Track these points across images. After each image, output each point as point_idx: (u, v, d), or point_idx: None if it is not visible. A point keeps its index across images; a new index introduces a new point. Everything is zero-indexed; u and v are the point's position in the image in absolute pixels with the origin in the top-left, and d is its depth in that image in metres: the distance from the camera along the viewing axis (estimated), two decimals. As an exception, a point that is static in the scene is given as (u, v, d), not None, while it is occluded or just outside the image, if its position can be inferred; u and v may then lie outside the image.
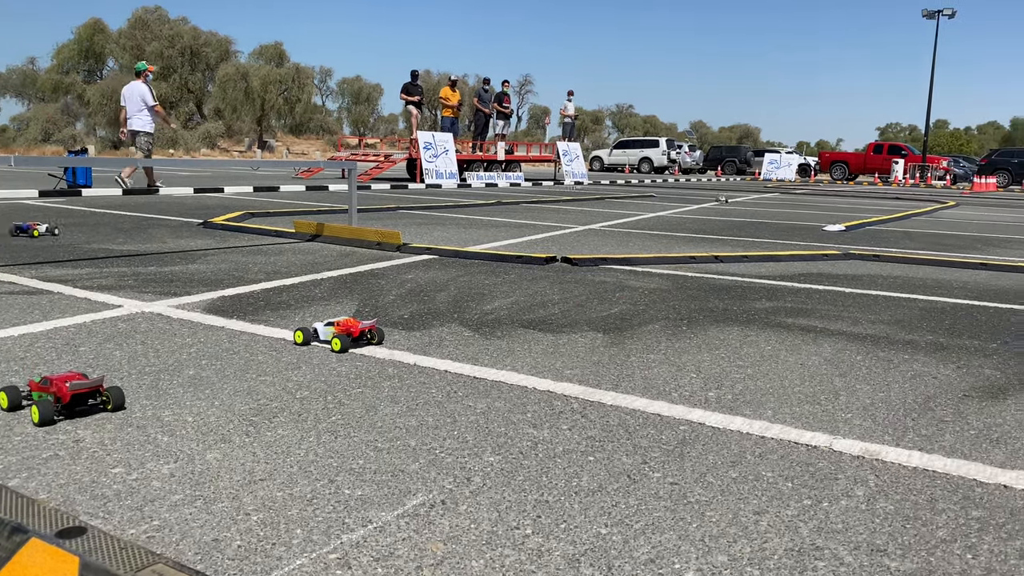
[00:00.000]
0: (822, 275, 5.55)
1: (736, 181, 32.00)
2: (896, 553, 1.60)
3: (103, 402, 2.29)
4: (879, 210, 13.86)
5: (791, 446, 2.20)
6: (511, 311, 3.94)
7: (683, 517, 1.74)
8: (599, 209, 11.96)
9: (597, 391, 2.65)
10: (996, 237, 9.26)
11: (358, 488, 1.84)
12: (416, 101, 19.55)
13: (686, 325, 3.75)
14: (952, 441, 2.27)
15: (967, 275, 5.79)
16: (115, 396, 2.29)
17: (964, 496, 1.89)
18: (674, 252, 6.66)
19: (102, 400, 2.29)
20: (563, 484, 1.89)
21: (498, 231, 8.12)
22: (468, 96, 28.09)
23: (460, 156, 19.84)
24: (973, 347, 3.47)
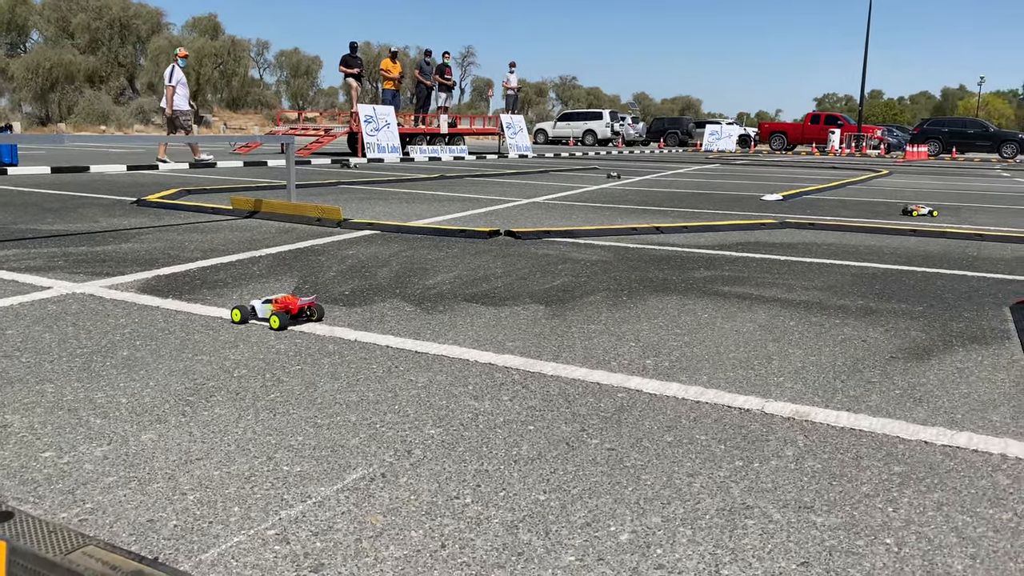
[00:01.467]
0: (759, 244, 5.67)
1: (678, 152, 32.35)
2: (822, 509, 1.67)
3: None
4: (816, 179, 14.17)
5: (725, 410, 2.26)
6: (454, 285, 3.94)
7: (619, 481, 1.78)
8: (543, 182, 11.98)
9: (538, 362, 2.68)
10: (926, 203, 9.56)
11: (297, 464, 1.84)
12: (356, 74, 19.22)
13: (626, 295, 3.80)
14: (878, 401, 2.36)
15: (897, 241, 5.98)
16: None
17: (887, 453, 1.98)
18: (616, 224, 6.72)
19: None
20: (503, 453, 1.91)
21: (441, 205, 8.08)
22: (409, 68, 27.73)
23: (402, 129, 19.62)
24: (901, 310, 3.60)
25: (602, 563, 1.44)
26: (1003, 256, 5.32)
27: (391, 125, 18.56)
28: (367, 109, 18.20)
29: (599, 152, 28.23)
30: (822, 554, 1.49)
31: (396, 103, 19.89)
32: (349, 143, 19.87)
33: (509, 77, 24.63)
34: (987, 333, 3.20)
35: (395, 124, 18.77)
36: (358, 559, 1.45)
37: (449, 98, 21.89)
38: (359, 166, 15.26)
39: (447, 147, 20.90)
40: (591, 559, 1.46)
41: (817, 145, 35.29)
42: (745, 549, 1.50)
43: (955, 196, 11.10)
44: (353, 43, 19.54)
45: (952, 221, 7.63)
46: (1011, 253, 5.46)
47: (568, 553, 1.47)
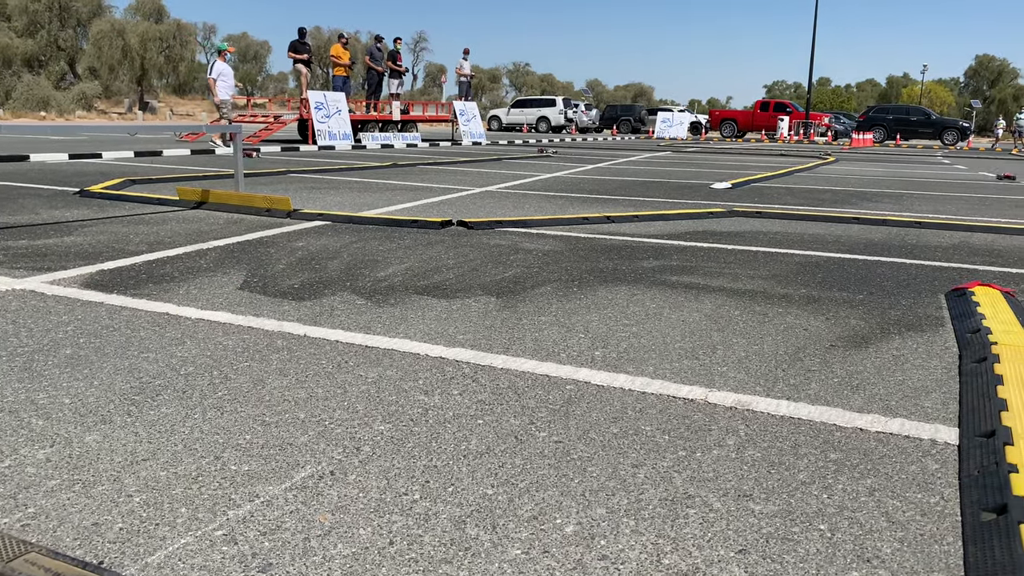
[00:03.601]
0: (707, 233, 5.77)
1: (631, 140, 32.58)
2: (760, 497, 1.72)
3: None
4: (764, 167, 14.41)
5: (670, 400, 2.31)
6: (405, 277, 3.93)
7: (566, 474, 1.81)
8: (497, 170, 11.98)
9: (489, 355, 2.70)
10: (870, 192, 9.81)
11: (245, 463, 1.84)
12: (305, 60, 18.93)
13: (577, 286, 3.85)
14: (817, 389, 2.44)
15: (841, 229, 6.13)
16: None
17: (824, 440, 2.05)
18: (568, 213, 6.77)
19: None
20: (452, 448, 1.94)
21: (394, 194, 8.04)
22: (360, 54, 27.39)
23: (354, 116, 19.41)
24: (842, 299, 3.70)
25: (547, 556, 1.48)
26: (941, 244, 5.49)
27: (342, 112, 18.35)
28: (317, 96, 17.95)
29: (552, 139, 28.28)
30: (759, 541, 1.54)
31: (347, 89, 19.65)
32: (299, 130, 19.60)
33: (462, 63, 24.50)
34: (923, 321, 3.32)
35: (346, 111, 18.56)
36: (306, 558, 1.46)
37: (401, 84, 21.71)
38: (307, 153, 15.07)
39: (400, 134, 20.74)
40: (536, 552, 1.49)
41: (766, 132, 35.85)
42: (686, 538, 1.55)
43: (898, 183, 11.39)
44: (302, 29, 19.23)
45: (894, 209, 7.84)
46: (948, 241, 5.64)
47: (514, 547, 1.50)
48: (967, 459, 1.91)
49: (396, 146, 19.33)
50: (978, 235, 5.96)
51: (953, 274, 4.37)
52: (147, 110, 47.64)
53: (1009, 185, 11.62)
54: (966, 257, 4.96)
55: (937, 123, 35.14)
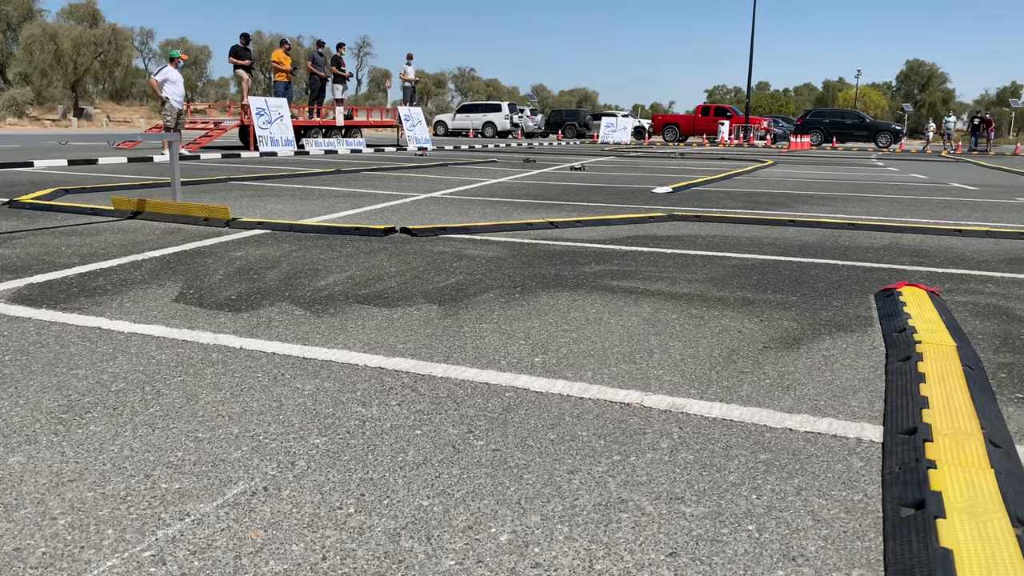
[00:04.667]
0: (648, 237, 5.85)
1: (576, 144, 32.85)
2: (692, 500, 1.76)
3: None
4: (705, 171, 14.67)
5: (606, 405, 2.34)
6: (346, 286, 3.91)
7: (502, 482, 1.82)
8: (442, 176, 11.96)
9: (429, 364, 2.70)
10: (806, 194, 10.06)
11: (176, 481, 1.80)
12: (246, 65, 18.64)
13: (519, 292, 3.86)
14: (749, 391, 2.50)
15: (777, 232, 6.28)
16: None
17: (755, 442, 2.10)
18: (512, 219, 6.79)
19: None
20: (389, 460, 1.93)
21: (336, 201, 7.97)
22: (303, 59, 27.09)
23: (296, 122, 19.19)
24: (776, 300, 3.79)
25: (481, 565, 1.49)
26: (872, 245, 5.66)
27: (284, 117, 18.12)
28: (258, 101, 17.70)
29: (498, 144, 28.34)
30: (689, 544, 1.57)
31: (289, 95, 19.42)
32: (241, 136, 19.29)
33: (406, 69, 24.42)
34: (853, 321, 3.42)
35: (288, 116, 18.34)
36: (237, 577, 1.44)
37: (344, 90, 21.53)
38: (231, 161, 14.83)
39: (344, 140, 20.58)
40: (471, 562, 1.49)
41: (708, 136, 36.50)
42: (618, 543, 1.57)
43: (833, 186, 11.71)
44: (244, 34, 18.95)
45: (829, 211, 8.06)
46: (879, 242, 5.82)
47: (448, 558, 1.51)
48: (890, 456, 1.98)
49: (340, 152, 19.16)
50: (907, 236, 6.17)
51: (883, 274, 4.52)
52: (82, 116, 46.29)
53: (939, 186, 12.03)
54: (895, 257, 5.12)
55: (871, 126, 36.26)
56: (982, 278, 4.46)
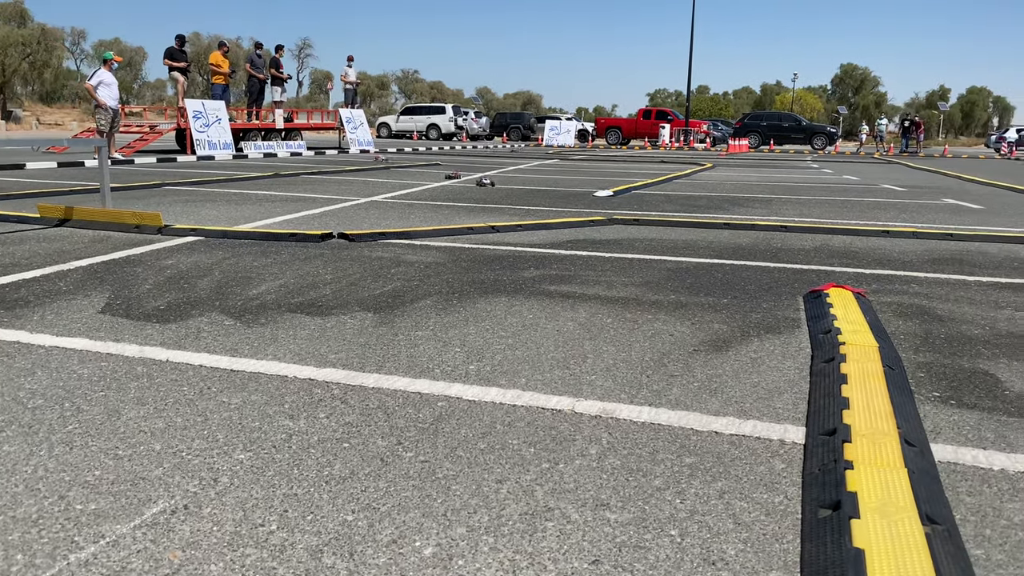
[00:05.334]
0: (587, 241, 5.89)
1: (521, 147, 32.95)
2: (617, 505, 1.77)
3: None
4: (645, 174, 14.86)
5: (538, 412, 2.35)
6: (279, 295, 3.85)
7: (429, 494, 1.81)
8: (384, 179, 11.88)
9: (360, 374, 2.67)
10: (741, 197, 10.26)
11: (92, 502, 1.75)
12: (182, 68, 18.23)
13: (457, 299, 3.86)
14: (678, 394, 2.53)
15: (712, 235, 6.39)
16: None
17: (681, 445, 2.13)
18: (454, 223, 6.78)
19: None
20: (314, 475, 1.90)
21: (274, 206, 7.85)
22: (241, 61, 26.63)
23: (235, 125, 18.85)
24: (708, 303, 3.86)
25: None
26: (803, 247, 5.80)
27: (222, 121, 17.79)
28: (195, 104, 17.33)
29: (442, 147, 28.27)
30: (612, 550, 1.59)
31: (227, 98, 19.07)
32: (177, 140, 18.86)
33: (347, 71, 24.19)
34: (781, 323, 3.50)
35: (227, 119, 18.00)
36: (151, 600, 1.40)
37: (283, 92, 21.22)
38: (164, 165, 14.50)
39: (283, 143, 20.28)
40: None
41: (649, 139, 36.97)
42: (542, 552, 1.58)
43: (769, 188, 11.97)
44: (180, 35, 18.52)
45: (764, 213, 8.23)
46: (810, 243, 5.97)
47: (371, 573, 1.49)
48: (810, 457, 2.03)
49: (280, 155, 18.88)
50: (837, 237, 6.34)
51: (813, 276, 4.63)
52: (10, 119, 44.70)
53: (870, 188, 12.40)
54: (825, 259, 5.26)
55: (807, 129, 37.17)
56: (907, 278, 4.60)
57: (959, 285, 4.42)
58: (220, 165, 14.89)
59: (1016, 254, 5.63)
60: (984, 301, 4.01)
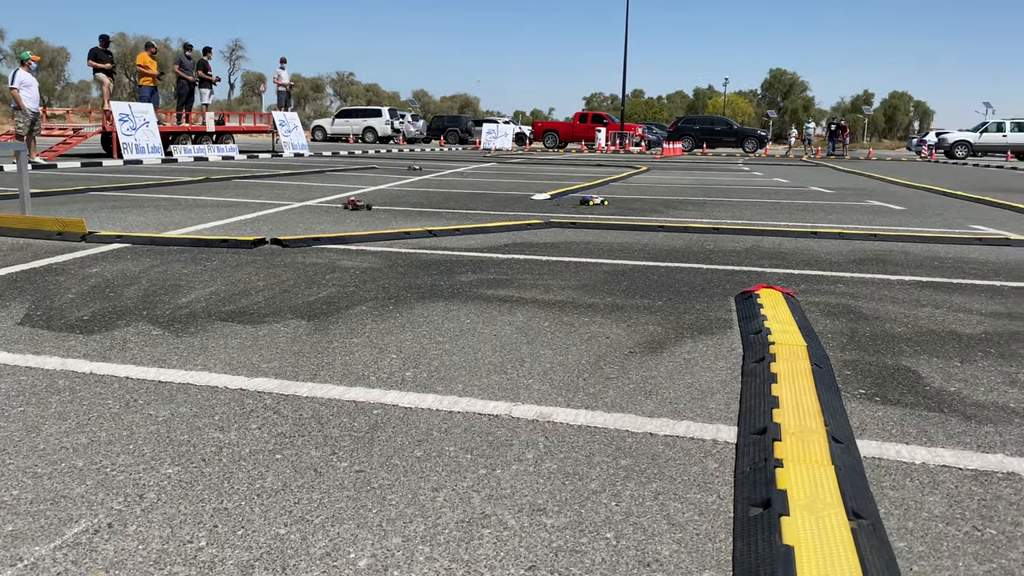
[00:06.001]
0: (525, 244, 5.91)
1: (458, 150, 32.90)
2: (553, 510, 1.78)
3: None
4: (582, 177, 14.99)
5: (475, 418, 2.34)
6: (209, 303, 3.75)
7: (364, 504, 1.79)
8: (319, 183, 11.71)
9: (294, 383, 2.62)
10: (675, 200, 10.44)
11: (9, 523, 1.67)
12: (107, 69, 17.66)
13: (393, 304, 3.82)
14: (614, 396, 2.55)
15: (647, 238, 6.48)
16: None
17: (617, 448, 2.15)
18: (390, 228, 6.72)
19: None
20: (246, 488, 1.86)
21: (205, 212, 7.66)
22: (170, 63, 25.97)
23: (163, 128, 18.36)
24: (643, 305, 3.90)
25: (338, 593, 1.45)
26: (735, 248, 5.93)
27: (150, 124, 17.30)
28: (122, 107, 16.82)
29: (379, 150, 28.03)
30: (549, 555, 1.59)
31: (155, 100, 18.56)
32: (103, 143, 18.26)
33: (280, 73, 23.80)
34: (713, 324, 3.56)
35: (155, 122, 17.51)
36: (72, 625, 1.35)
37: (211, 94, 20.73)
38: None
39: (215, 146, 19.83)
40: (327, 591, 1.46)
41: (586, 143, 37.31)
42: (479, 560, 1.57)
43: (702, 191, 12.20)
44: (104, 36, 17.93)
45: (697, 215, 8.39)
46: (742, 245, 6.10)
47: (304, 588, 1.47)
48: (742, 456, 2.07)
49: (211, 159, 18.46)
50: (768, 239, 6.49)
51: (744, 277, 4.73)
52: (-78, 121, 42.60)
53: (799, 190, 12.74)
54: (756, 260, 5.38)
55: (739, 132, 38.04)
56: (834, 278, 4.74)
57: (883, 284, 4.58)
58: (148, 169, 14.48)
59: (936, 253, 5.86)
60: (906, 300, 4.15)
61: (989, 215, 9.10)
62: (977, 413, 2.47)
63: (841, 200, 10.87)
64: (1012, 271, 5.15)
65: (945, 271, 5.09)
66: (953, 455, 2.14)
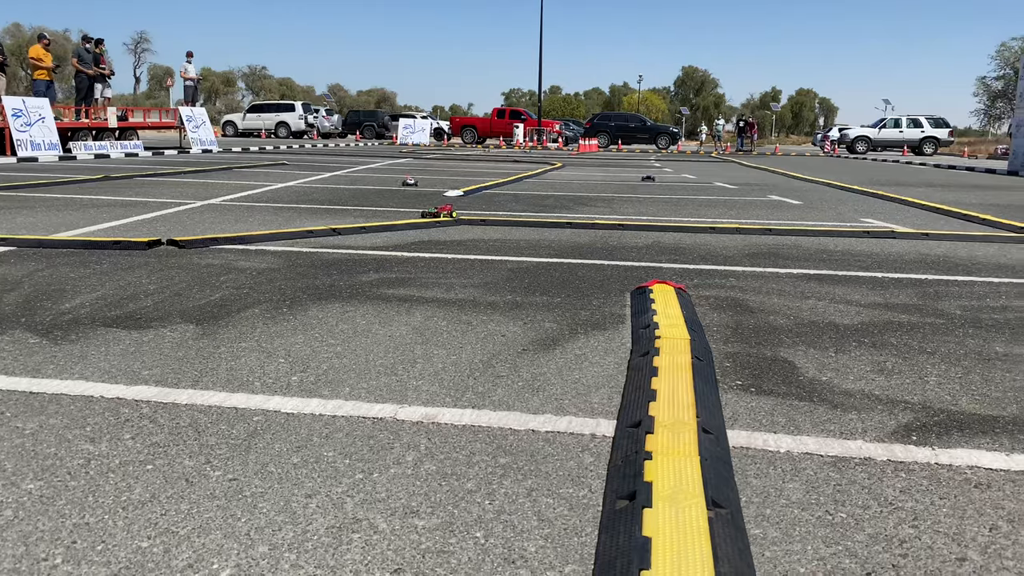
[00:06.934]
0: (432, 242, 5.90)
1: (374, 146, 32.55)
2: (426, 512, 1.79)
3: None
4: (497, 173, 15.05)
5: (359, 422, 2.33)
6: (95, 308, 3.62)
7: (234, 514, 1.76)
8: (224, 181, 11.41)
9: (174, 391, 2.56)
10: (587, 196, 10.59)
11: None
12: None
13: (287, 307, 3.76)
14: (502, 395, 2.59)
15: (555, 234, 6.55)
16: None
17: (498, 446, 2.17)
18: (293, 227, 6.61)
19: None
20: (111, 501, 1.81)
21: (101, 212, 7.38)
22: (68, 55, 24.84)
23: (62, 124, 17.57)
24: (542, 303, 3.96)
25: (196, 606, 1.43)
26: (637, 244, 6.06)
27: (46, 119, 16.53)
28: (14, 102, 16.02)
29: (291, 146, 27.47)
30: (416, 557, 1.60)
31: (51, 95, 17.74)
32: (-6, 140, 17.33)
33: (187, 67, 23.09)
34: (607, 319, 3.64)
35: (51, 118, 16.75)
36: (-95, 654, 1.29)
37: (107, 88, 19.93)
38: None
39: (118, 143, 19.09)
40: (185, 604, 1.44)
41: (505, 139, 37.44)
42: (345, 565, 1.57)
43: (612, 187, 12.41)
44: (-9, 25, 17.03)
45: (605, 212, 8.53)
46: (643, 241, 6.24)
47: (161, 602, 1.44)
48: (617, 450, 2.12)
49: (113, 156, 17.76)
50: (669, 234, 6.66)
51: (642, 273, 4.84)
52: None
53: (705, 186, 13.10)
54: (656, 256, 5.52)
55: (652, 129, 38.85)
56: (726, 272, 4.91)
57: (772, 278, 4.76)
58: (44, 167, 13.83)
59: (825, 247, 6.12)
60: (792, 292, 4.33)
61: (880, 208, 9.55)
62: (844, 401, 2.60)
63: (744, 196, 11.22)
64: (894, 263, 5.42)
65: (832, 263, 5.32)
66: (816, 442, 2.25)
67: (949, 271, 5.14)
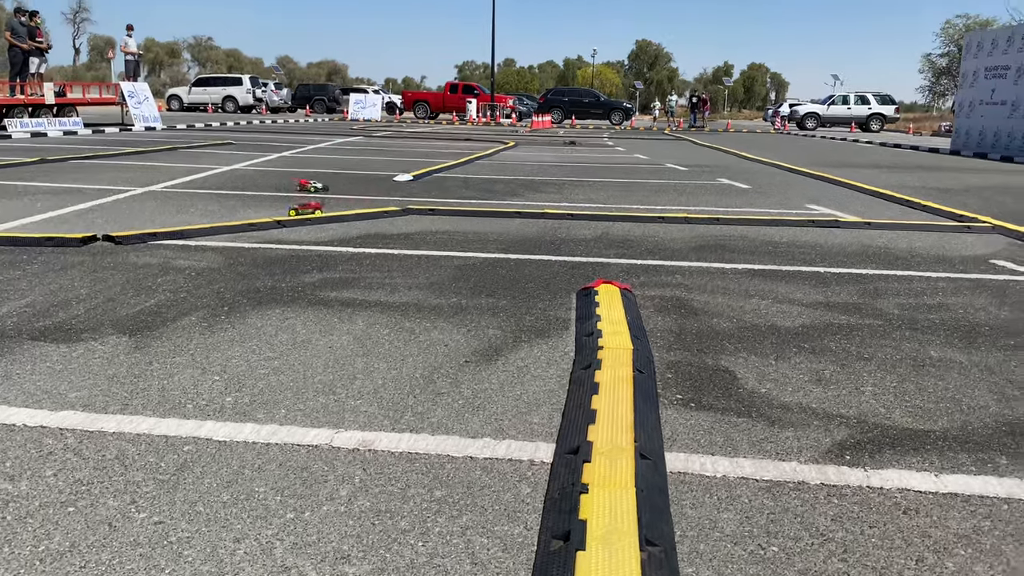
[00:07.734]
0: (379, 236, 5.82)
1: (324, 121, 32.00)
2: (358, 556, 1.76)
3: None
4: (448, 154, 14.90)
5: (293, 450, 2.28)
6: (22, 318, 3.49)
7: (158, 564, 1.71)
8: (167, 164, 11.09)
9: (102, 416, 2.48)
10: (538, 180, 10.54)
11: None
12: (-77, 34, 16.01)
13: (226, 313, 3.67)
14: (441, 416, 2.55)
15: (503, 225, 6.51)
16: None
17: (434, 476, 2.15)
18: (238, 218, 6.46)
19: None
20: (28, 552, 1.74)
21: (34, 201, 7.11)
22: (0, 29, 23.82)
23: (-6, 101, 16.87)
24: (487, 306, 3.92)
25: (112, 678, 1.38)
26: (585, 236, 6.05)
27: (-23, 96, 15.85)
28: (-58, 77, 15.29)
29: (238, 122, 26.85)
30: (345, 612, 1.57)
31: (-17, 69, 16.99)
32: (-78, 117, 16.61)
33: (127, 40, 22.33)
34: (551, 325, 3.62)
35: (-17, 95, 16.06)
36: None
37: (43, 63, 19.18)
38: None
39: (56, 120, 18.43)
40: (100, 676, 1.38)
41: (458, 114, 37.10)
42: (270, 623, 1.53)
43: (564, 170, 12.38)
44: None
45: (555, 198, 8.50)
46: (592, 233, 6.24)
47: (74, 674, 1.39)
48: (554, 479, 2.11)
49: (51, 134, 17.16)
50: (618, 224, 6.66)
51: (589, 270, 4.84)
52: None
53: (656, 168, 13.14)
54: (604, 249, 5.51)
55: (606, 104, 38.86)
56: (673, 268, 4.93)
57: (718, 274, 4.79)
58: (-25, 147, 13.29)
59: (771, 238, 6.19)
60: (737, 291, 4.36)
61: (826, 193, 9.69)
62: (782, 416, 2.62)
63: (694, 179, 11.29)
64: (836, 256, 5.50)
65: (777, 257, 5.38)
66: (752, 465, 2.26)
67: (889, 265, 5.24)
